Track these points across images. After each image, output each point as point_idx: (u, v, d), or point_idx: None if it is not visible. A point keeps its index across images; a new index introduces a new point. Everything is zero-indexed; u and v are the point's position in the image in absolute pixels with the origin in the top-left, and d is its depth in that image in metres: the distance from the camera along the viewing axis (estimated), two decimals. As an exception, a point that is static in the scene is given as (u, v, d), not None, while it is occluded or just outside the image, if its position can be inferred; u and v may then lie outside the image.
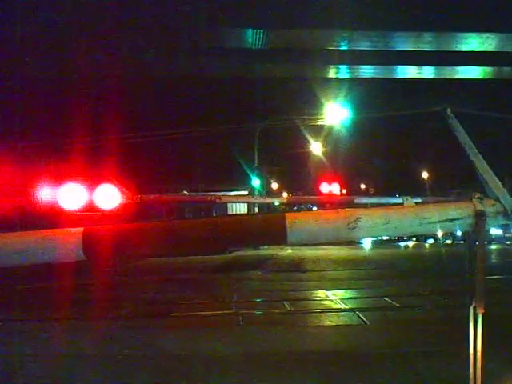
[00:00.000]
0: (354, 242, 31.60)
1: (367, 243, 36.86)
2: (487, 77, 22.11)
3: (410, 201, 3.68)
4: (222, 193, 23.16)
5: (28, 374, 7.09)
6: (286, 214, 3.09)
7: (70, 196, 5.22)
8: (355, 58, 19.68)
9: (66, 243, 3.04)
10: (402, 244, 40.53)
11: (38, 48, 16.53)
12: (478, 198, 3.11)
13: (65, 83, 22.03)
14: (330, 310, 11.86)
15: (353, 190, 43.30)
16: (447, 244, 35.23)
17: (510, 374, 6.64)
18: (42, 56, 17.43)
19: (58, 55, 17.50)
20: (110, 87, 25.29)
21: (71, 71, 19.39)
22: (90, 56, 17.85)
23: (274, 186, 50.03)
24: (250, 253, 27.51)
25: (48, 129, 19.00)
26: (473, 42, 17.59)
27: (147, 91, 27.05)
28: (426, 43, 17.86)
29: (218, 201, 12.27)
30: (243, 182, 32.51)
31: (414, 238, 43.04)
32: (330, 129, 28.78)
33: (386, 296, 12.81)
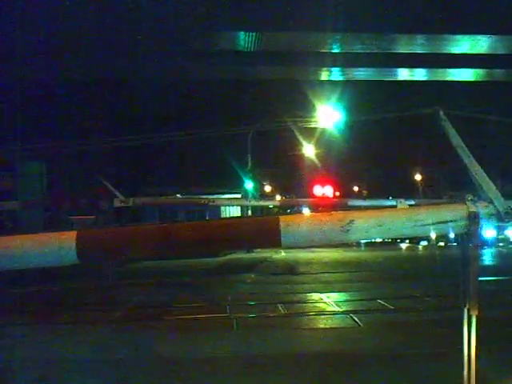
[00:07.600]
0: (348, 244, 31.56)
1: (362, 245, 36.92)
2: (480, 79, 22.22)
3: (404, 203, 3.69)
4: (215, 196, 23.19)
5: (20, 379, 7.04)
6: (280, 217, 3.09)
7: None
8: (348, 60, 19.71)
9: (60, 247, 3.02)
10: (396, 246, 40.59)
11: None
12: (472, 200, 3.12)
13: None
14: (324, 312, 11.84)
15: (346, 193, 43.33)
16: (440, 246, 35.32)
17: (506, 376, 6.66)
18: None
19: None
20: (100, 90, 25.28)
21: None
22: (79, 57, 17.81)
23: (268, 188, 50.03)
24: (243, 256, 27.52)
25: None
26: (465, 44, 17.67)
27: (139, 94, 27.00)
28: (418, 45, 17.92)
29: (211, 204, 12.27)
30: (236, 185, 32.42)
31: (407, 240, 43.15)
32: (323, 131, 28.79)
33: (379, 298, 12.80)
